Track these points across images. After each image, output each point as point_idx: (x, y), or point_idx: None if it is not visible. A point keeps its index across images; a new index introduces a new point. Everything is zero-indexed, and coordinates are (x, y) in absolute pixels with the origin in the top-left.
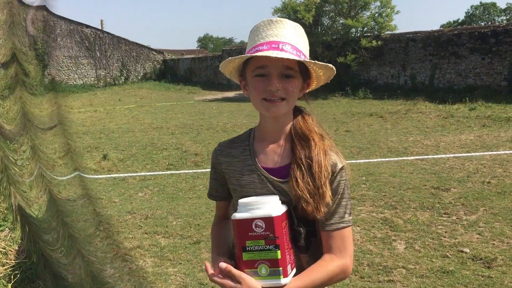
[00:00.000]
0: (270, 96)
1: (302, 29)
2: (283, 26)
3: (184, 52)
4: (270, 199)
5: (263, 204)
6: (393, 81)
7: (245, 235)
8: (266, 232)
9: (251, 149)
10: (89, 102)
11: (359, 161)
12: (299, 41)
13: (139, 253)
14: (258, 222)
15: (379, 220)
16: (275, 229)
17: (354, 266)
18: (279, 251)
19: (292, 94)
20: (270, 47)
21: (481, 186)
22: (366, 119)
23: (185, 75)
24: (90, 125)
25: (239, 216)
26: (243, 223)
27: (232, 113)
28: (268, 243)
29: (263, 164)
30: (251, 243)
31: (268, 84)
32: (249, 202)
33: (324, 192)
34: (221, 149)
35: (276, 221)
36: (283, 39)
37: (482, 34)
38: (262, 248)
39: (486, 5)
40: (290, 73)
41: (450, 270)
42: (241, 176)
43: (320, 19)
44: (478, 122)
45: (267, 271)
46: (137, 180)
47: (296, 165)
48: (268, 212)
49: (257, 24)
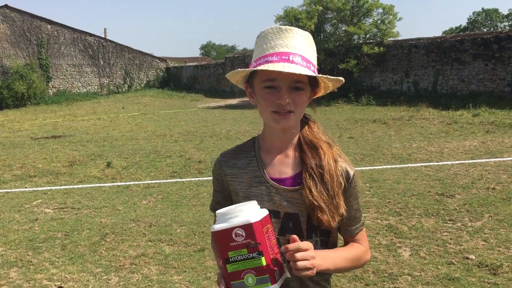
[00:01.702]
0: (280, 109)
1: (311, 37)
2: (293, 35)
3: (187, 59)
4: (248, 205)
5: (240, 212)
6: (396, 88)
7: (227, 246)
8: (247, 240)
9: (259, 160)
10: (92, 110)
11: (363, 168)
12: (309, 51)
13: (144, 261)
14: (238, 230)
15: (383, 227)
16: (255, 235)
17: (359, 273)
18: (263, 258)
19: (301, 106)
20: (281, 59)
21: (485, 193)
22: (369, 126)
23: (188, 82)
24: (94, 133)
25: (218, 227)
26: (223, 234)
27: (235, 120)
28: (250, 251)
29: (272, 175)
30: (234, 254)
31: (278, 97)
32: (226, 211)
33: (338, 203)
34: (225, 160)
35: (256, 227)
36: (293, 50)
37: (485, 40)
38: (245, 257)
39: (489, 11)
40: (299, 85)
41: (456, 277)
42: (248, 188)
43: (323, 26)
44: (482, 128)
45: (254, 280)
46: (141, 187)
47: (308, 174)
48: (246, 219)
49: (265, 31)
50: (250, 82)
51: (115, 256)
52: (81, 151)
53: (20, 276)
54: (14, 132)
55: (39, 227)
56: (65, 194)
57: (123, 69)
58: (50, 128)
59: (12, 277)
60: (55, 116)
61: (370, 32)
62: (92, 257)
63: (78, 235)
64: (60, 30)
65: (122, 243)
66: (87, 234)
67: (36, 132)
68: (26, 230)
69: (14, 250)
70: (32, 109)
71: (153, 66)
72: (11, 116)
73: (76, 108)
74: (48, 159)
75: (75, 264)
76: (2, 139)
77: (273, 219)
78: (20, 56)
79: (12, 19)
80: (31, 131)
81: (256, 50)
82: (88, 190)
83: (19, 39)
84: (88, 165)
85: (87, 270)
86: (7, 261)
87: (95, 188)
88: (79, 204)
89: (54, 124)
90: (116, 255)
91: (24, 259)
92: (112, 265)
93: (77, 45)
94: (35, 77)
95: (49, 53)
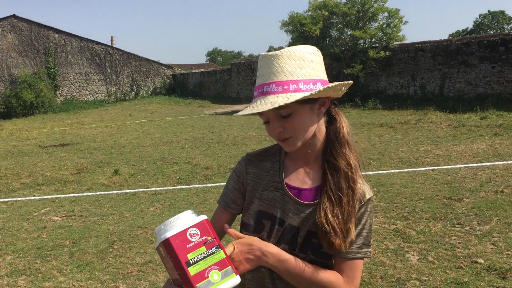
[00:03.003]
0: (278, 138)
1: (292, 49)
2: (266, 62)
3: (193, 66)
4: (184, 213)
5: (183, 217)
6: (403, 91)
7: (184, 249)
8: (203, 237)
9: (281, 166)
10: (100, 117)
11: (370, 173)
12: (288, 68)
13: (151, 268)
14: (192, 230)
15: (391, 231)
16: (210, 231)
17: (367, 278)
18: (221, 251)
19: (297, 130)
20: (258, 93)
21: (494, 196)
22: (376, 130)
23: (195, 89)
24: (101, 140)
25: (171, 233)
26: (178, 238)
27: (242, 126)
28: (209, 247)
29: (292, 183)
30: (193, 254)
31: (270, 130)
32: (169, 220)
33: (350, 228)
34: (250, 159)
35: (208, 223)
36: (267, 79)
37: (491, 43)
38: (205, 254)
39: (495, 14)
40: (284, 112)
41: (465, 281)
42: (263, 190)
43: (328, 31)
44: (489, 131)
45: (219, 276)
46: (148, 194)
47: (327, 196)
48: (199, 217)
49: (259, 56)
50: None
51: (122, 264)
52: (88, 158)
53: (29, 285)
54: (22, 140)
55: (47, 235)
56: (73, 202)
57: (130, 77)
58: (58, 136)
59: (20, 285)
60: (63, 124)
61: (375, 36)
62: (100, 265)
63: (85, 243)
64: (67, 39)
65: (129, 250)
66: (94, 242)
67: (44, 140)
68: (35, 238)
69: (23, 258)
70: (40, 118)
71: (159, 73)
72: (20, 124)
73: (84, 116)
74: (56, 167)
75: (82, 272)
76: (11, 147)
77: (277, 226)
78: (28, 65)
79: (20, 29)
80: (39, 139)
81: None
82: (95, 197)
83: (27, 48)
84: (96, 172)
85: (94, 278)
86: (15, 269)
87: (102, 196)
88: (87, 211)
89: (62, 132)
90: (123, 263)
91: (32, 267)
92: (120, 273)
93: (84, 53)
94: (43, 85)
95: (56, 62)
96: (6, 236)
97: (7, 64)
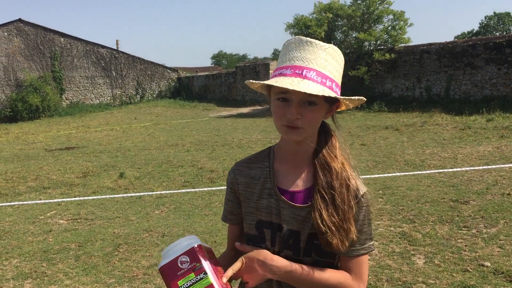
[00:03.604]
0: (289, 123)
1: (336, 51)
2: (312, 49)
3: (198, 69)
4: (186, 238)
5: (180, 243)
6: (408, 94)
7: (175, 277)
8: (192, 264)
9: (271, 171)
10: (105, 121)
11: (376, 176)
12: (330, 65)
13: (157, 271)
14: (182, 258)
15: (397, 234)
16: (199, 257)
17: (373, 282)
18: (209, 277)
19: (312, 123)
20: (294, 73)
21: (501, 198)
22: (381, 132)
23: (200, 92)
24: (107, 143)
25: (163, 263)
26: (169, 266)
27: (247, 129)
28: (197, 273)
29: (284, 187)
30: (183, 281)
31: (288, 111)
32: (167, 248)
33: (349, 228)
34: (239, 169)
35: (199, 250)
36: (309, 65)
37: (497, 44)
38: (194, 280)
39: (501, 15)
40: (313, 100)
41: (471, 284)
42: (258, 199)
43: (333, 33)
44: (496, 133)
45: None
46: (154, 198)
47: (320, 195)
48: (188, 244)
49: (288, 41)
50: (268, 91)
51: (128, 267)
52: (94, 162)
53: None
54: (28, 144)
55: (53, 238)
56: (79, 205)
57: (135, 80)
58: (63, 140)
59: None
60: (68, 127)
61: (381, 38)
62: (106, 268)
63: (91, 246)
64: (73, 42)
65: (135, 253)
66: (100, 245)
67: (50, 144)
68: (41, 242)
69: (29, 262)
70: (46, 121)
71: (164, 77)
72: (26, 128)
73: (89, 119)
74: (62, 170)
75: (88, 275)
76: (17, 151)
77: (278, 233)
78: (34, 69)
79: (26, 33)
80: (45, 143)
81: (279, 59)
82: (101, 201)
83: (33, 52)
84: (101, 176)
85: (100, 281)
86: (21, 272)
87: (108, 199)
88: (93, 215)
89: (67, 135)
90: (129, 266)
91: (38, 270)
92: (125, 276)
93: (89, 57)
94: (49, 89)
95: (62, 66)
96: (12, 239)
97: (13, 68)
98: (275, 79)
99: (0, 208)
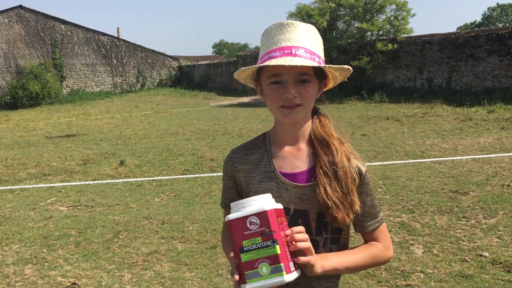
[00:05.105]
0: (287, 103)
1: (315, 30)
2: (295, 29)
3: (199, 58)
4: (262, 196)
5: (254, 201)
6: (410, 84)
7: (241, 235)
8: (261, 228)
9: (269, 154)
10: (106, 109)
11: (376, 164)
12: (313, 42)
13: (156, 258)
14: (252, 218)
15: (396, 224)
16: (270, 223)
17: (371, 270)
18: (277, 246)
19: (309, 99)
20: (283, 53)
21: (500, 189)
22: (382, 123)
23: (201, 81)
24: (107, 131)
25: (233, 216)
26: (238, 223)
27: (248, 118)
28: (265, 239)
29: (283, 170)
30: (248, 242)
31: (284, 91)
32: (241, 201)
33: (353, 200)
34: (236, 156)
35: (270, 215)
36: (296, 43)
37: (499, 36)
38: (259, 245)
39: (504, 7)
40: (305, 78)
41: (469, 274)
42: (258, 183)
43: (335, 23)
44: (497, 125)
45: (268, 270)
46: (154, 185)
47: (322, 171)
48: (261, 206)
49: (268, 28)
50: (258, 80)
51: (128, 253)
52: (94, 149)
53: (35, 273)
54: (29, 131)
55: (53, 225)
56: (79, 192)
57: (136, 68)
58: (64, 127)
59: (27, 273)
60: (69, 115)
61: (383, 28)
62: (106, 254)
63: (91, 233)
64: (74, 30)
65: (135, 240)
66: (100, 232)
67: (51, 131)
68: (41, 228)
69: (29, 247)
70: (47, 109)
71: (165, 65)
72: (26, 115)
73: (90, 107)
74: (62, 157)
75: (88, 261)
76: (18, 138)
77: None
78: (35, 56)
79: (27, 20)
80: (46, 130)
81: (261, 48)
82: (101, 188)
83: (33, 39)
84: (102, 163)
85: (100, 267)
86: (22, 258)
87: (108, 186)
88: (93, 202)
89: (68, 123)
90: (129, 252)
91: (38, 256)
92: (125, 262)
93: (90, 44)
94: (49, 76)
95: (63, 53)
96: (13, 225)
97: (13, 55)
98: (267, 62)
99: (1, 195)
